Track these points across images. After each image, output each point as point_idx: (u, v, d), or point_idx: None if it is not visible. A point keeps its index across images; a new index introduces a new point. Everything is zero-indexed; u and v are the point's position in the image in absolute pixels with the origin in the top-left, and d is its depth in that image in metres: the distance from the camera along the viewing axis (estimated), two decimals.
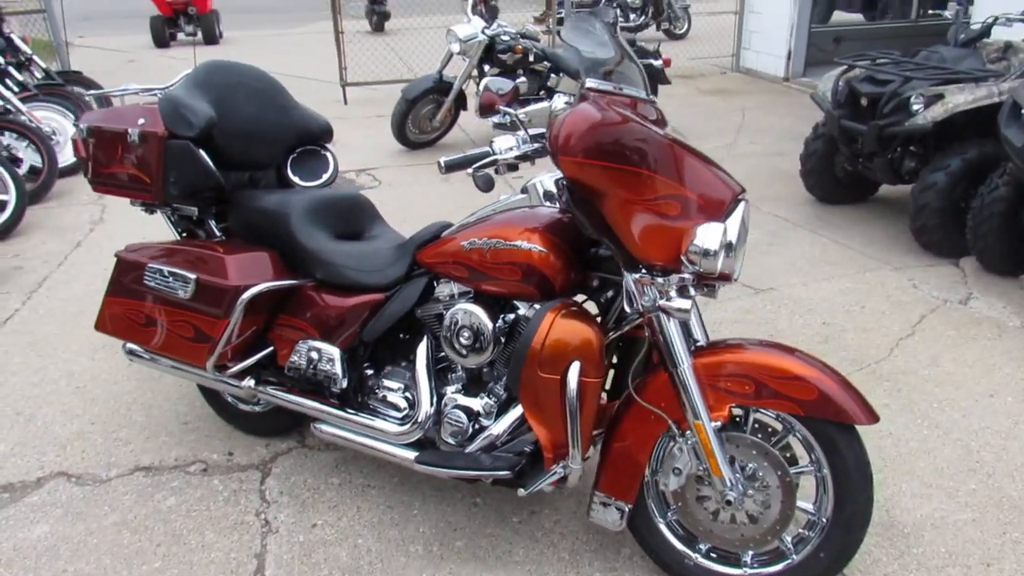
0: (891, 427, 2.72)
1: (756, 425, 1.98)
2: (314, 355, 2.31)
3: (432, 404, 2.18)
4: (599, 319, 2.10)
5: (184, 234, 2.66)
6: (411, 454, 2.17)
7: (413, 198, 5.40)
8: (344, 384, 2.29)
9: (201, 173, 2.36)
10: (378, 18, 14.11)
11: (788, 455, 1.97)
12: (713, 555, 2.05)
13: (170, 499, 2.49)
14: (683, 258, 1.77)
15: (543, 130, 1.99)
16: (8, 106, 5.68)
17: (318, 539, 2.30)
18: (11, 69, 6.65)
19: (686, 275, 1.81)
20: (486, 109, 1.91)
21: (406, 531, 2.33)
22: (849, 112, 4.33)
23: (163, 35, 14.67)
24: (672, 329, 1.88)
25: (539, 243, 1.96)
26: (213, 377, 2.42)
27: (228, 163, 2.50)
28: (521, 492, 1.97)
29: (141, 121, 2.43)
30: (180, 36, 14.94)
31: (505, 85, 1.99)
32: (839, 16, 11.69)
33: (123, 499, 2.50)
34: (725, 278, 1.87)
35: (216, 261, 2.29)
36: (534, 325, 1.88)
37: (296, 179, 2.68)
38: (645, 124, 1.77)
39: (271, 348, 2.41)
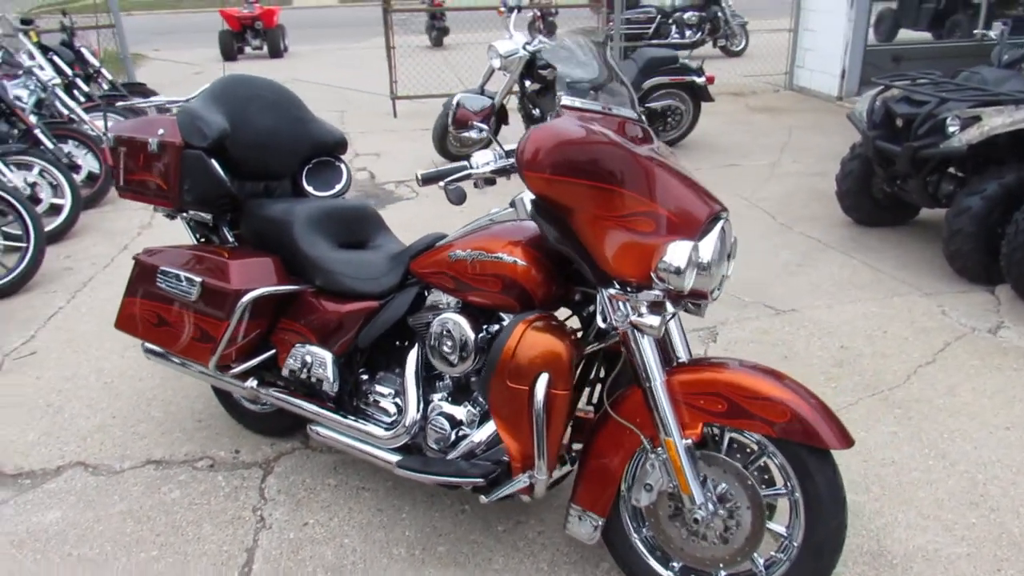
0: (895, 455, 2.66)
1: (733, 445, 1.97)
2: (308, 359, 2.39)
3: (419, 410, 2.23)
4: (580, 333, 2.12)
5: (202, 239, 2.79)
6: (395, 458, 2.23)
7: (449, 210, 5.48)
8: (335, 388, 2.36)
9: (213, 182, 2.48)
10: (437, 33, 14.43)
11: (765, 477, 1.96)
12: (687, 574, 2.05)
13: (175, 492, 2.60)
14: (652, 275, 1.79)
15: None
16: (72, 115, 6.01)
17: (307, 537, 2.37)
18: (78, 80, 7.03)
19: (657, 292, 1.82)
20: (460, 124, 1.96)
21: (392, 534, 2.38)
22: (884, 133, 4.25)
23: (231, 48, 15.24)
24: (645, 345, 1.89)
25: (520, 256, 1.99)
26: (215, 376, 2.52)
27: (243, 173, 2.61)
28: (482, 499, 2.01)
29: (161, 132, 2.56)
30: (247, 50, 15.50)
31: (480, 102, 2.01)
32: (905, 34, 11.42)
33: (132, 490, 2.62)
34: (700, 296, 1.88)
35: (220, 265, 2.40)
36: (504, 336, 1.92)
37: (310, 189, 2.78)
38: (616, 141, 1.80)
39: (273, 351, 2.50)
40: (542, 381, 1.86)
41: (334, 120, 8.77)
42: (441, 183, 1.91)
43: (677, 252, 1.75)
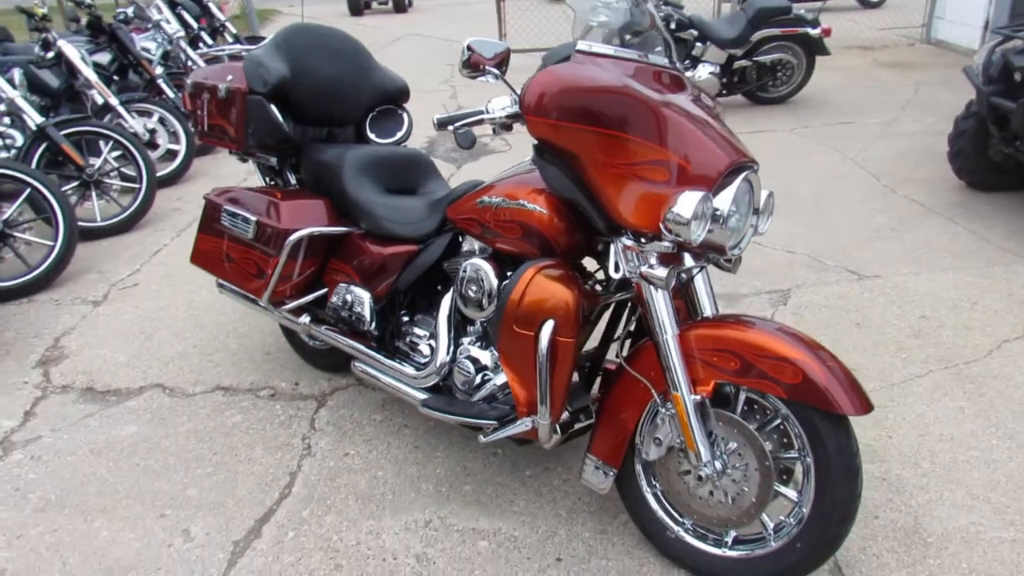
0: (955, 431, 2.49)
1: (752, 405, 1.92)
2: (349, 297, 2.49)
3: (448, 353, 2.29)
4: (603, 283, 2.11)
5: (271, 183, 2.94)
6: (422, 396, 2.31)
7: None
8: (372, 326, 2.46)
9: (272, 126, 2.60)
10: None
11: (784, 440, 1.90)
12: (697, 531, 2.02)
13: (236, 416, 2.80)
14: (661, 226, 1.75)
15: None
16: (194, 66, 6.39)
17: (345, 466, 2.51)
18: (203, 34, 7.44)
19: (667, 243, 1.79)
20: (472, 68, 1.95)
21: (424, 470, 2.47)
22: (1001, 88, 3.88)
23: (358, 4, 15.63)
24: (658, 297, 1.86)
25: (542, 205, 1.99)
26: (269, 310, 2.67)
27: (305, 119, 2.73)
28: (481, 439, 2.05)
29: (229, 78, 2.70)
30: (373, 4, 15.84)
31: (494, 48, 1.98)
32: None
33: (199, 412, 2.84)
34: (717, 250, 1.83)
35: (273, 206, 2.53)
36: (513, 281, 1.93)
37: (373, 136, 2.86)
38: (626, 87, 1.75)
39: (324, 290, 2.63)
40: (547, 327, 1.87)
41: (444, 73, 8.93)
42: (451, 126, 1.92)
43: (686, 202, 1.70)
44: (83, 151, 4.56)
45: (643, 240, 1.83)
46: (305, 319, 2.67)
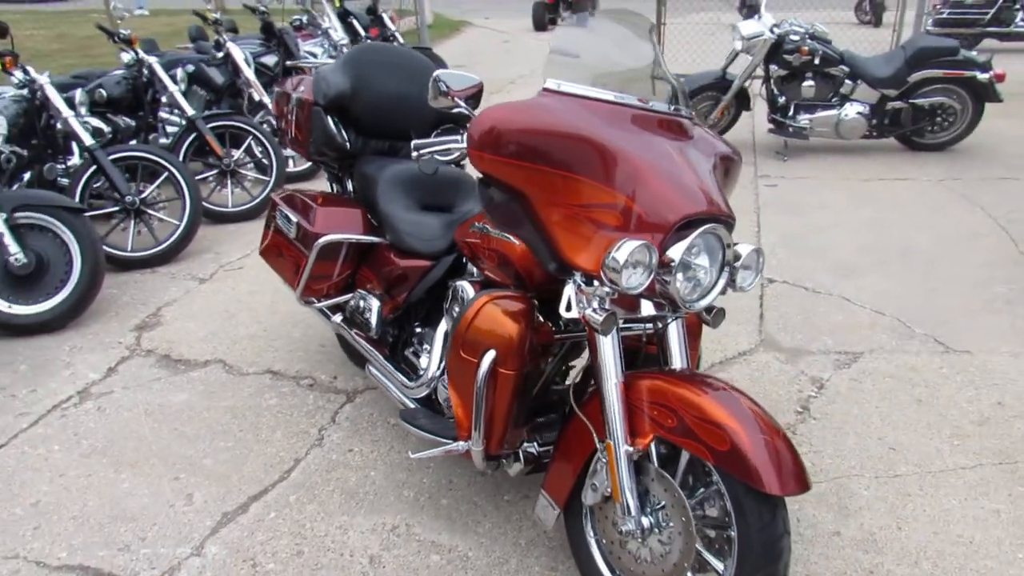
0: (978, 535, 2.22)
1: (692, 466, 1.84)
2: (362, 304, 2.63)
3: (439, 368, 2.37)
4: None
5: (336, 188, 3.15)
6: (412, 407, 2.40)
7: None
8: (377, 333, 2.58)
9: (327, 135, 2.79)
10: None
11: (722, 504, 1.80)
12: None
13: (273, 399, 3.03)
14: (602, 271, 1.72)
15: None
16: None
17: (344, 462, 2.65)
18: (370, 41, 7.97)
19: (606, 289, 1.76)
20: (441, 102, 1.95)
21: (412, 477, 2.56)
22: None
23: (543, 20, 16.03)
24: (604, 342, 1.83)
25: (517, 237, 2.01)
26: (302, 304, 2.86)
27: (367, 131, 2.91)
28: (409, 454, 2.09)
29: (301, 89, 2.94)
30: (558, 21, 16.19)
31: (464, 81, 1.99)
32: None
33: (244, 391, 3.10)
34: (671, 303, 1.77)
35: (311, 210, 2.72)
36: (465, 307, 1.97)
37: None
38: (578, 128, 1.73)
39: (350, 295, 2.79)
40: (488, 357, 1.89)
41: None
42: (415, 152, 1.98)
43: (623, 249, 1.66)
44: (226, 143, 5.07)
45: (595, 283, 1.81)
46: (337, 318, 2.85)
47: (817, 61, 5.81)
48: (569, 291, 1.86)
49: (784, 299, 3.80)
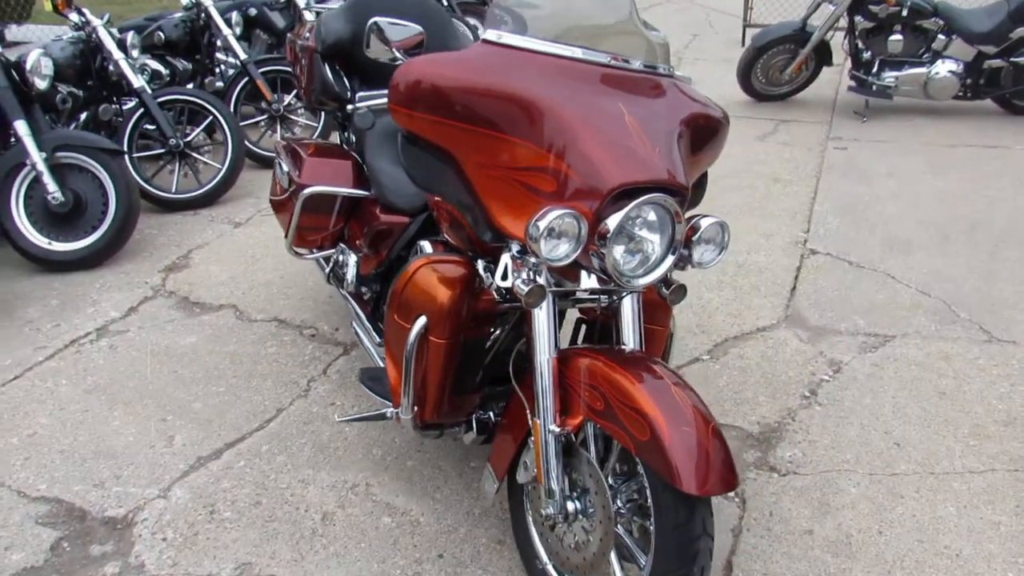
0: (968, 549, 2.02)
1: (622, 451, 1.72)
2: (341, 258, 2.60)
3: None
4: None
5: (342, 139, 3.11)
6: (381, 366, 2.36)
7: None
8: (352, 288, 2.54)
9: (325, 83, 2.74)
10: None
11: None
12: (559, 570, 1.88)
13: (272, 348, 3.07)
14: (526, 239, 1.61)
15: None
16: None
17: (323, 415, 2.65)
18: None
19: (532, 259, 1.64)
20: (377, 50, 1.82)
21: (385, 436, 2.54)
22: None
23: None
24: (538, 316, 1.72)
25: None
26: (292, 254, 2.84)
27: (370, 80, 2.83)
28: (335, 418, 2.05)
29: (306, 35, 2.88)
30: None
31: (406, 32, 1.84)
32: None
33: (248, 337, 3.15)
34: (609, 276, 1.64)
35: (301, 160, 2.68)
36: (402, 270, 1.89)
37: None
38: (511, 84, 1.60)
39: (332, 249, 2.75)
40: (419, 323, 1.81)
41: (682, 43, 8.57)
42: (352, 105, 1.88)
43: (545, 217, 1.54)
44: (278, 88, 5.11)
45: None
46: (328, 269, 2.83)
47: (906, 13, 5.31)
48: (505, 259, 1.76)
49: (823, 272, 3.53)
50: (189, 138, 4.47)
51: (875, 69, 5.56)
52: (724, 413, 2.60)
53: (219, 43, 5.19)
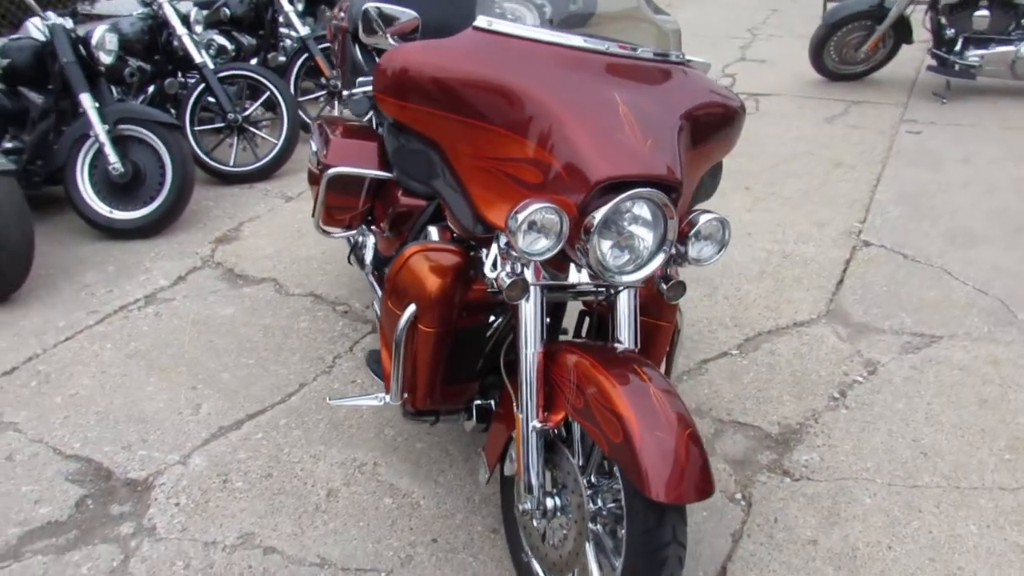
0: (986, 571, 1.89)
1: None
2: (361, 239, 2.62)
3: None
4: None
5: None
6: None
7: (771, 133, 4.95)
8: (370, 269, 2.56)
9: (355, 64, 2.75)
10: None
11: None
12: (542, 564, 1.86)
13: (304, 322, 3.14)
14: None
15: None
16: None
17: (343, 392, 2.70)
18: None
19: (515, 252, 1.61)
20: (370, 34, 1.79)
21: (397, 418, 2.52)
22: None
23: None
24: (525, 308, 1.69)
25: None
26: (319, 232, 2.88)
27: None
28: (327, 400, 2.06)
29: (341, 15, 2.90)
30: None
31: (400, 14, 1.80)
32: None
33: (283, 311, 3.22)
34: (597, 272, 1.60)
35: (328, 140, 2.70)
36: (396, 255, 1.89)
37: None
38: (501, 74, 1.57)
39: (354, 229, 2.78)
40: (409, 311, 1.81)
41: (761, 17, 8.25)
42: (347, 92, 1.88)
43: (525, 210, 1.51)
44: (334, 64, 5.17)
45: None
46: (351, 249, 2.87)
47: None
48: (494, 250, 1.74)
49: (874, 266, 3.36)
50: (247, 112, 4.58)
51: (958, 47, 5.21)
52: (744, 411, 2.52)
53: (281, 19, 5.28)
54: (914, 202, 3.92)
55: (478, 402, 2.08)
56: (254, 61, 5.31)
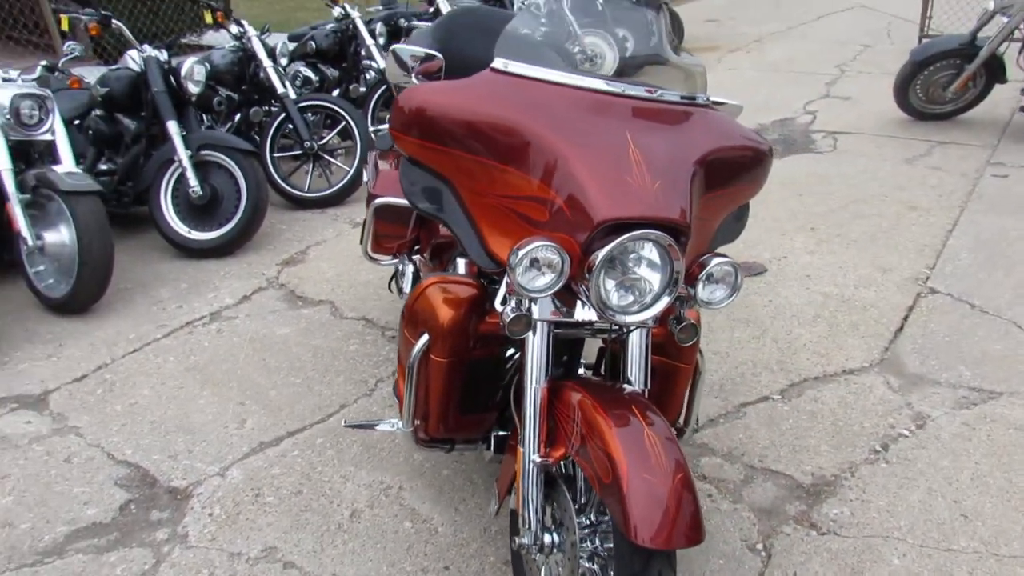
0: None
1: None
2: (401, 267, 2.69)
3: None
4: None
5: None
6: None
7: (844, 172, 4.81)
8: (406, 297, 2.63)
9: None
10: None
11: None
12: None
13: (354, 345, 3.24)
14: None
15: None
16: None
17: (379, 415, 2.77)
18: None
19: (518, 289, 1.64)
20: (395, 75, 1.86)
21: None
22: None
23: None
24: (533, 341, 1.72)
25: None
26: (367, 259, 2.98)
27: None
28: (343, 423, 2.11)
29: None
30: None
31: (420, 55, 1.84)
32: None
33: (335, 333, 3.34)
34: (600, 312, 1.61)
35: (379, 171, 2.81)
36: (413, 285, 1.94)
37: None
38: (505, 114, 1.61)
39: (396, 258, 2.86)
40: (422, 340, 1.86)
41: (852, 53, 8.04)
42: (372, 128, 1.94)
43: (524, 247, 1.54)
44: None
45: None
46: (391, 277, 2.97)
47: None
48: (504, 285, 1.77)
49: (938, 314, 3.22)
50: (323, 141, 4.79)
51: None
52: (778, 459, 2.45)
53: (363, 52, 5.51)
54: (989, 249, 3.73)
55: (498, 433, 2.11)
56: (336, 92, 5.56)
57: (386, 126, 1.91)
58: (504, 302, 1.77)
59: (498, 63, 1.72)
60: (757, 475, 2.39)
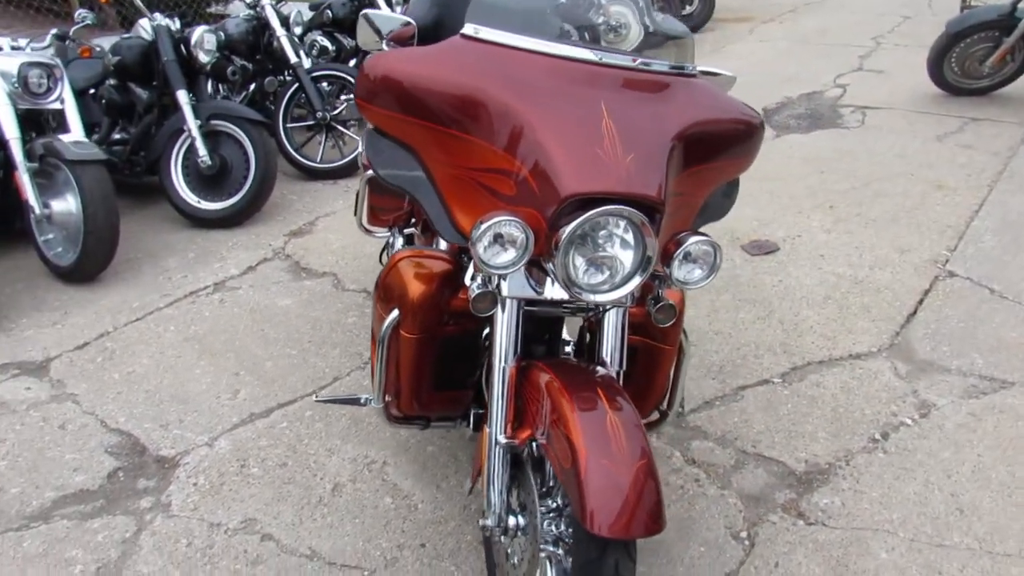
0: None
1: None
2: (391, 239, 2.65)
3: None
4: None
5: None
6: None
7: (871, 149, 4.65)
8: None
9: None
10: None
11: None
12: None
13: (352, 318, 3.22)
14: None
15: None
16: None
17: (371, 389, 2.74)
18: None
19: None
20: (365, 41, 1.81)
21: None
22: None
23: None
24: (501, 319, 1.67)
25: None
26: (362, 231, 2.94)
27: None
28: (314, 398, 2.08)
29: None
30: None
31: (392, 22, 1.76)
32: None
33: (335, 305, 3.32)
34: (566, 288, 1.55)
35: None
36: (387, 259, 1.89)
37: None
38: (474, 80, 1.54)
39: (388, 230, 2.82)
40: (392, 315, 1.82)
41: (890, 25, 7.76)
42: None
43: (485, 222, 1.48)
44: None
45: None
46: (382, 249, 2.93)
47: None
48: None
49: (955, 299, 3.09)
50: (336, 111, 4.75)
51: None
52: (772, 445, 2.38)
53: None
54: (1015, 231, 3.57)
55: (479, 411, 2.07)
56: (353, 62, 5.50)
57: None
58: (472, 278, 1.72)
59: (468, 29, 1.65)
60: (748, 461, 2.33)
